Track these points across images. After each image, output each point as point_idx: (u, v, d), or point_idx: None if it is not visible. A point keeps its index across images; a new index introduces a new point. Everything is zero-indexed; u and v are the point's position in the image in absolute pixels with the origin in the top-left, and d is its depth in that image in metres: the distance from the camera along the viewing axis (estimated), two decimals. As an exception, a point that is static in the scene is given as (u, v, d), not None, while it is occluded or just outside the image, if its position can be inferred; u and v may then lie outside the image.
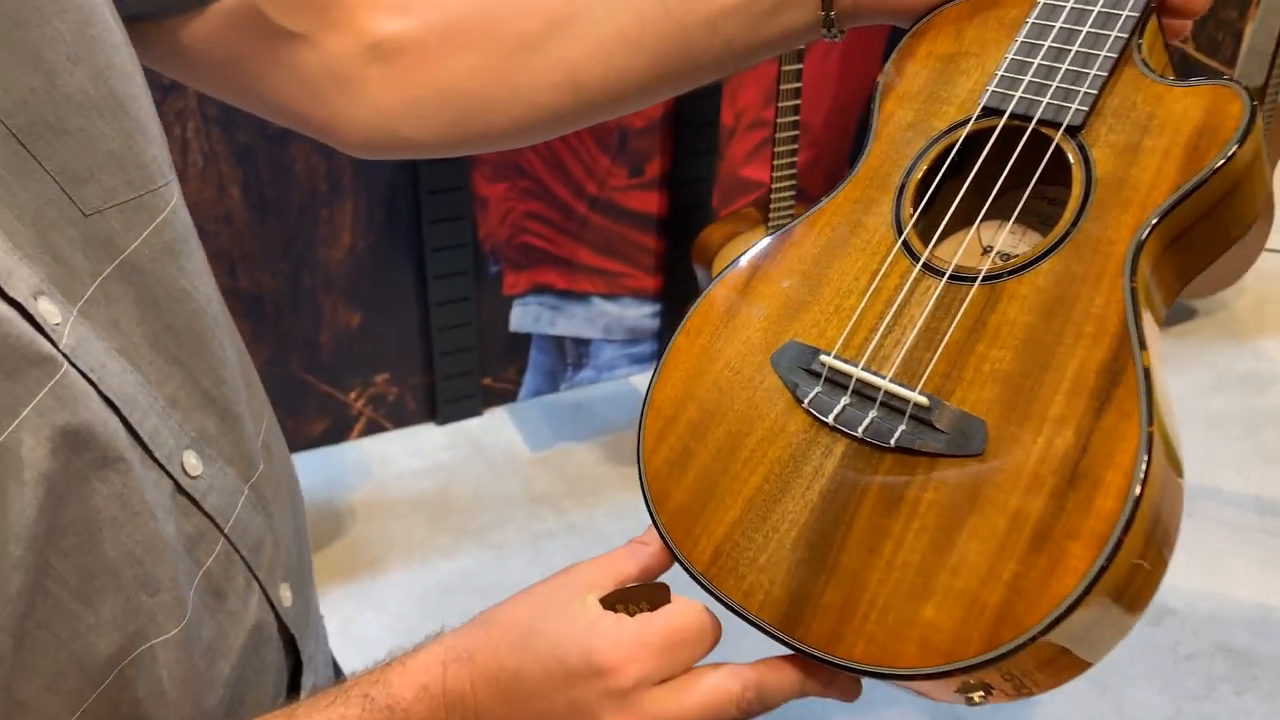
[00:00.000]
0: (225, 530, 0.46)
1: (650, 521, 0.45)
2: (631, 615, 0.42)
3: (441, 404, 2.05)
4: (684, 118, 1.94)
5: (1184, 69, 2.35)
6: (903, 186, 0.48)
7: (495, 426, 2.08)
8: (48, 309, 0.38)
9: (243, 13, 0.52)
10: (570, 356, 2.15)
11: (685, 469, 0.45)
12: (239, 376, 0.49)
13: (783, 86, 1.57)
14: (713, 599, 0.43)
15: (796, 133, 1.62)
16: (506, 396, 2.12)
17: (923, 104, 0.50)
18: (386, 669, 0.42)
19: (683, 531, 0.44)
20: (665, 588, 0.43)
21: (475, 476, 1.96)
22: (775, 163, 1.68)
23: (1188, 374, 2.25)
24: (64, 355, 0.38)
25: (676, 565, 0.44)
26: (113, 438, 0.39)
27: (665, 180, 2.01)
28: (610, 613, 0.41)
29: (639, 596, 0.42)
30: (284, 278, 1.78)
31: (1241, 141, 0.43)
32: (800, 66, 1.58)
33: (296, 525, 0.54)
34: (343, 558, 1.77)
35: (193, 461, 0.44)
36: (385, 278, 1.89)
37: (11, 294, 0.37)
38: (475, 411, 2.09)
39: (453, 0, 0.55)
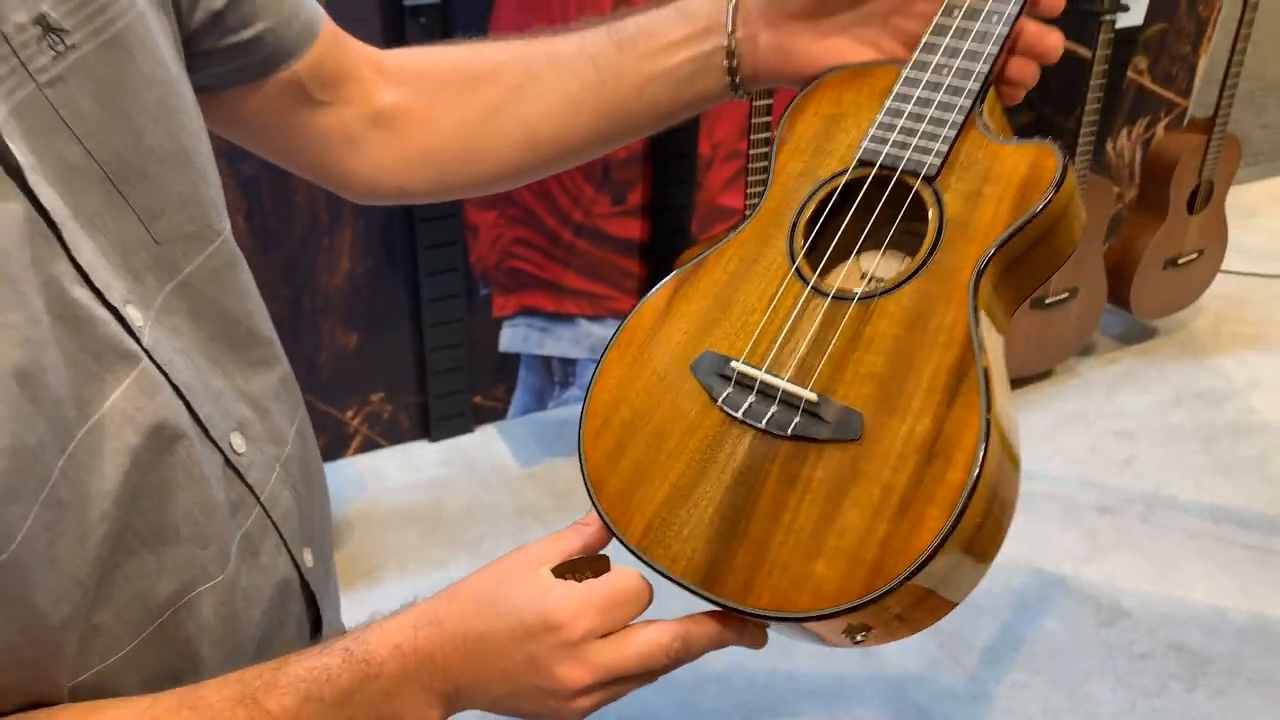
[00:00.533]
0: (261, 499, 0.55)
1: (591, 505, 0.54)
2: (579, 582, 0.50)
3: (434, 422, 2.14)
4: (664, 150, 2.05)
5: (1140, 101, 2.46)
6: (795, 224, 0.58)
7: (486, 443, 2.17)
8: (133, 314, 0.48)
9: (287, 85, 0.63)
10: (557, 376, 2.25)
11: (619, 460, 0.54)
12: (274, 375, 0.59)
13: (754, 120, 1.68)
14: (645, 567, 0.52)
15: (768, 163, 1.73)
16: (496, 414, 2.22)
17: (810, 156, 0.60)
18: (366, 629, 0.51)
19: (618, 512, 0.53)
20: (606, 559, 0.52)
21: (467, 491, 2.05)
22: (749, 191, 1.79)
23: (1149, 390, 2.35)
24: (145, 351, 0.48)
25: (615, 540, 0.53)
26: (179, 419, 0.49)
27: (647, 208, 2.11)
28: (560, 580, 0.50)
29: (584, 567, 0.51)
30: (285, 302, 1.88)
31: (1057, 189, 0.53)
32: (771, 102, 1.68)
33: (319, 502, 0.63)
34: (340, 569, 1.86)
35: (238, 441, 0.54)
36: (381, 301, 1.99)
37: (111, 301, 0.47)
38: (467, 429, 2.18)
39: (435, 75, 0.67)
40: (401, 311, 2.01)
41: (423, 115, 0.67)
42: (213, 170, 0.55)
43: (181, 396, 0.50)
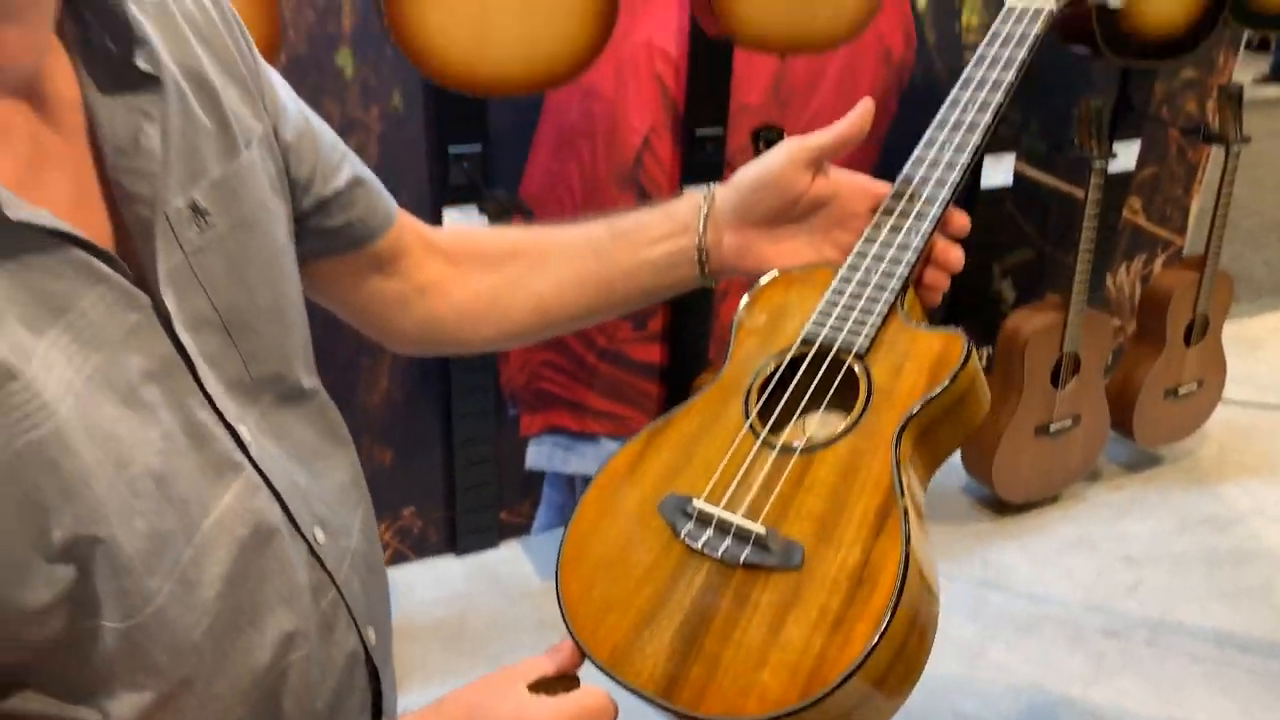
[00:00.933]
0: (337, 582, 0.67)
1: (565, 629, 0.64)
2: (552, 696, 0.60)
3: (461, 536, 2.24)
4: (683, 281, 2.19)
5: (1137, 239, 2.58)
6: (749, 388, 0.70)
7: (510, 558, 2.26)
8: (243, 431, 0.61)
9: (364, 260, 0.78)
10: (580, 493, 2.34)
11: (591, 589, 0.64)
12: (346, 478, 0.71)
13: (764, 260, 1.82)
14: (612, 682, 0.61)
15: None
16: (521, 530, 2.31)
17: (763, 335, 0.73)
18: None
19: (589, 635, 0.63)
20: (576, 678, 0.62)
21: (490, 604, 2.13)
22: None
23: (1154, 517, 2.41)
24: (251, 461, 0.60)
25: (587, 660, 0.63)
26: (275, 516, 0.61)
27: (666, 334, 2.25)
28: (536, 695, 0.60)
29: (556, 685, 0.61)
30: (326, 420, 2.01)
31: (962, 366, 0.65)
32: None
33: (380, 588, 0.75)
34: (367, 676, 1.93)
35: (319, 534, 0.65)
36: (416, 419, 2.11)
37: (229, 420, 0.60)
38: (492, 543, 2.28)
39: (470, 252, 0.83)
40: (434, 429, 2.13)
41: (457, 284, 0.82)
42: (300, 321, 0.69)
43: (278, 497, 0.62)
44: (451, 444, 2.15)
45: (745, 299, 0.76)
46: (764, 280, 0.76)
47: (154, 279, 0.56)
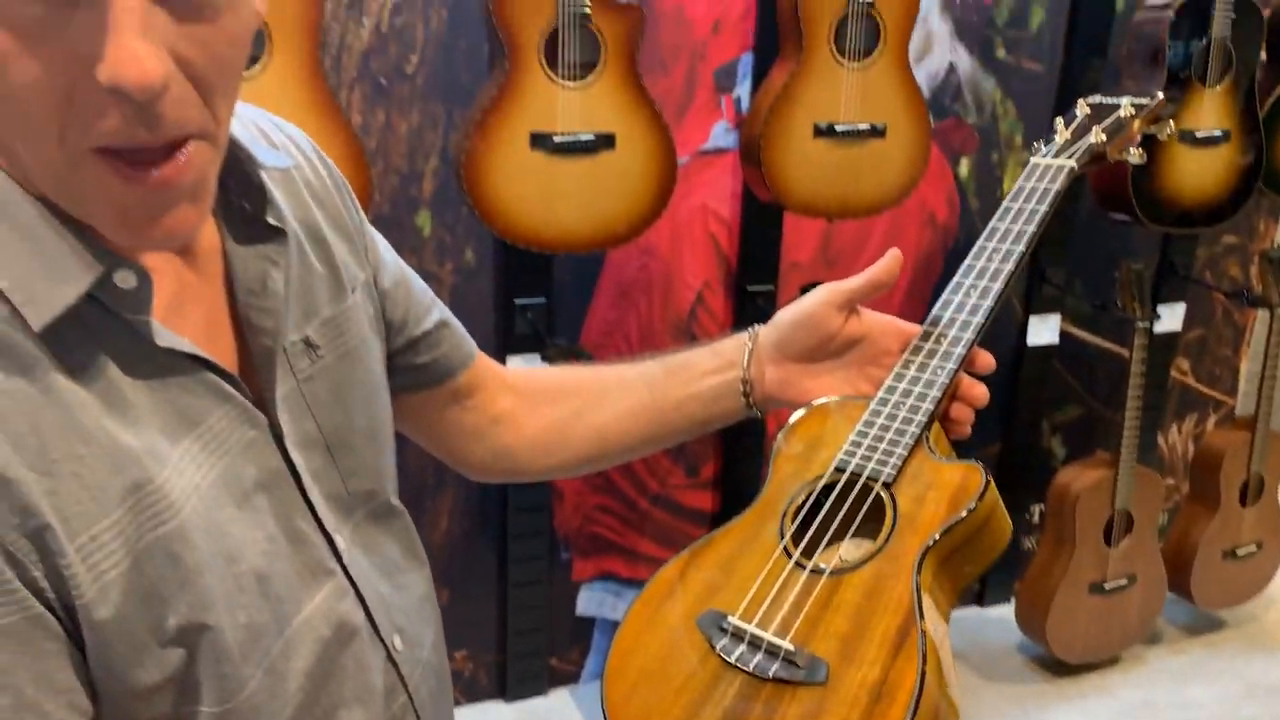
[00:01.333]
0: (409, 688, 0.72)
1: None
2: None
3: (511, 682, 2.25)
4: (733, 427, 2.25)
5: (1186, 399, 2.60)
6: (785, 512, 0.76)
7: (559, 706, 2.25)
8: (339, 540, 0.68)
9: (445, 393, 0.87)
10: (630, 639, 2.35)
11: (633, 697, 0.69)
12: (422, 593, 0.78)
13: (812, 410, 1.88)
14: None
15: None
16: (570, 677, 2.32)
17: (799, 463, 0.79)
18: None
19: None
20: None
21: (537, 750, 2.12)
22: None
23: (1219, 682, 2.34)
24: (343, 568, 0.67)
25: None
26: (358, 620, 0.68)
27: (718, 481, 2.30)
28: None
29: None
30: (385, 557, 2.08)
31: (980, 498, 0.71)
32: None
33: (446, 698, 0.80)
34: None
35: (397, 641, 0.72)
36: (472, 560, 2.17)
37: (327, 529, 0.67)
38: (540, 691, 2.28)
39: (537, 388, 0.93)
40: (489, 572, 2.18)
41: (525, 416, 0.91)
42: (391, 446, 0.78)
43: (363, 603, 0.69)
44: (505, 586, 2.19)
45: (784, 428, 0.83)
46: (801, 412, 0.83)
47: (271, 401, 0.65)
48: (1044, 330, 2.39)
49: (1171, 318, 2.43)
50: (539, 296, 1.95)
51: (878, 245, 2.25)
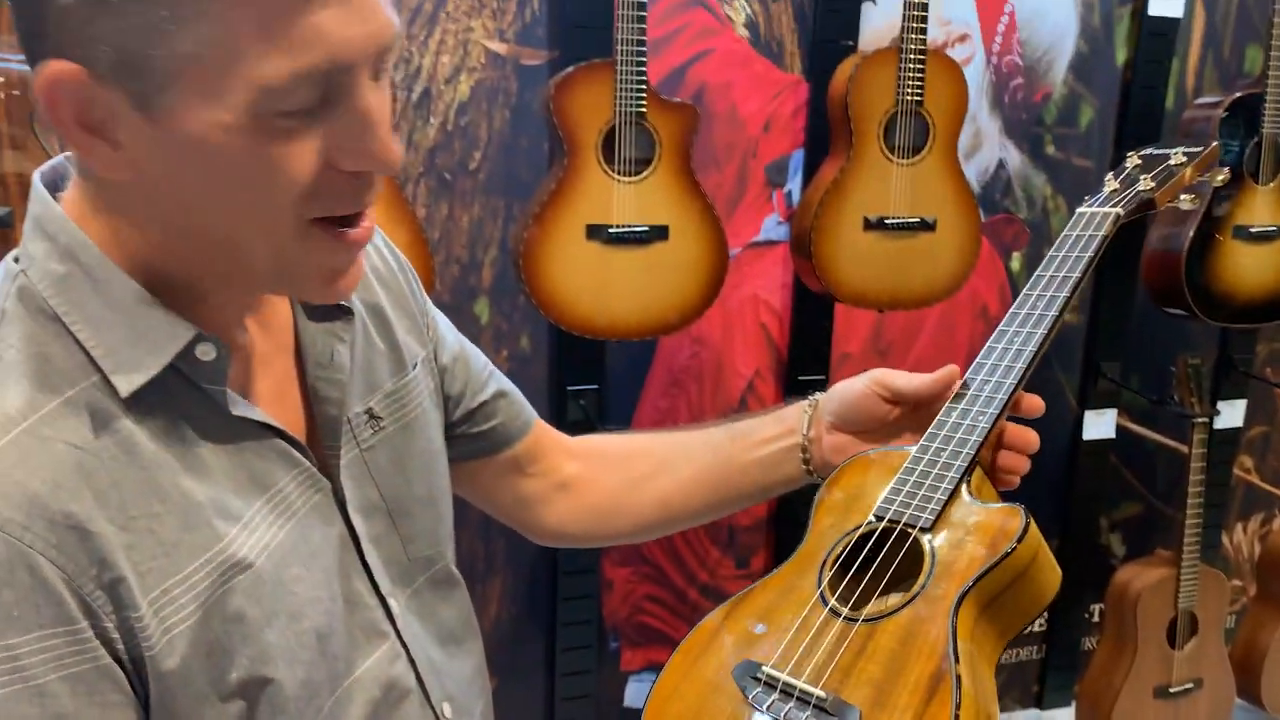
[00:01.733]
0: None
1: None
2: None
3: (557, 771, 2.22)
4: (784, 517, 2.25)
5: (1251, 497, 2.54)
6: (824, 562, 0.76)
7: (604, 797, 2.22)
8: (393, 604, 0.71)
9: (507, 461, 0.91)
10: None
11: None
12: (473, 665, 0.80)
13: (863, 501, 1.88)
14: None
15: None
16: (617, 768, 2.28)
17: (840, 514, 0.80)
18: None
19: None
20: None
21: (581, 844, 2.08)
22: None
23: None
24: (396, 631, 0.70)
25: None
26: (409, 683, 0.70)
27: (767, 572, 2.28)
28: None
29: None
30: (435, 641, 2.08)
31: (1020, 540, 0.70)
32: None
33: None
34: None
35: (448, 709, 0.74)
36: (520, 648, 2.16)
37: (383, 593, 0.70)
38: (587, 780, 2.25)
39: (601, 454, 0.96)
40: (537, 660, 2.17)
41: (589, 482, 0.94)
42: (448, 508, 0.81)
43: (414, 667, 0.71)
44: (554, 675, 2.18)
45: (827, 480, 0.84)
46: (843, 463, 0.84)
47: (335, 467, 0.69)
48: (1100, 425, 2.37)
49: (1232, 414, 2.39)
50: (592, 383, 1.98)
51: (929, 337, 2.26)
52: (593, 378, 1.98)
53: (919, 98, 1.85)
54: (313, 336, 0.70)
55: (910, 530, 0.75)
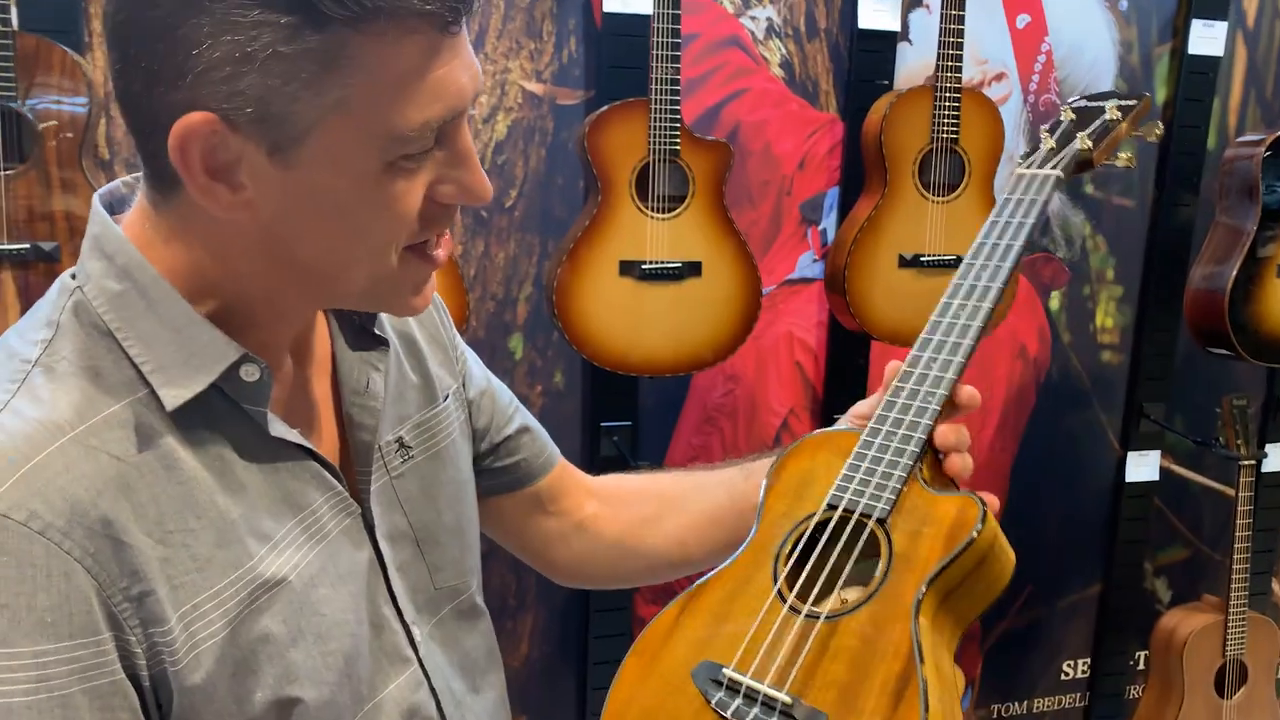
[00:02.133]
0: None
1: None
2: None
3: (588, 812, 2.20)
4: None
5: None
6: (777, 555, 0.74)
7: (635, 841, 2.19)
8: (416, 632, 0.71)
9: (529, 498, 0.91)
10: None
11: None
12: (496, 696, 0.80)
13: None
14: None
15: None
16: (649, 811, 2.25)
17: (791, 500, 0.77)
18: None
19: None
20: None
21: None
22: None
23: None
24: (419, 659, 0.70)
25: None
26: (430, 710, 0.70)
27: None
28: None
29: None
30: (466, 678, 2.08)
31: (978, 530, 0.68)
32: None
33: None
34: None
35: None
36: (552, 685, 2.15)
37: (406, 620, 0.71)
38: (618, 823, 2.22)
39: (620, 493, 0.97)
40: (569, 698, 2.16)
41: (606, 521, 0.94)
42: (476, 544, 0.81)
43: (435, 696, 0.71)
44: (585, 713, 2.16)
45: (772, 463, 0.81)
46: (790, 446, 0.82)
47: (365, 493, 0.70)
48: (1143, 467, 2.32)
49: (1281, 455, 2.34)
50: (625, 420, 1.98)
51: (968, 376, 2.24)
52: (626, 414, 1.99)
53: (954, 135, 1.85)
54: (351, 364, 0.72)
55: (865, 520, 0.73)
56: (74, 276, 0.64)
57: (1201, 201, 2.21)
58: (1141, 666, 2.46)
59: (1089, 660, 2.45)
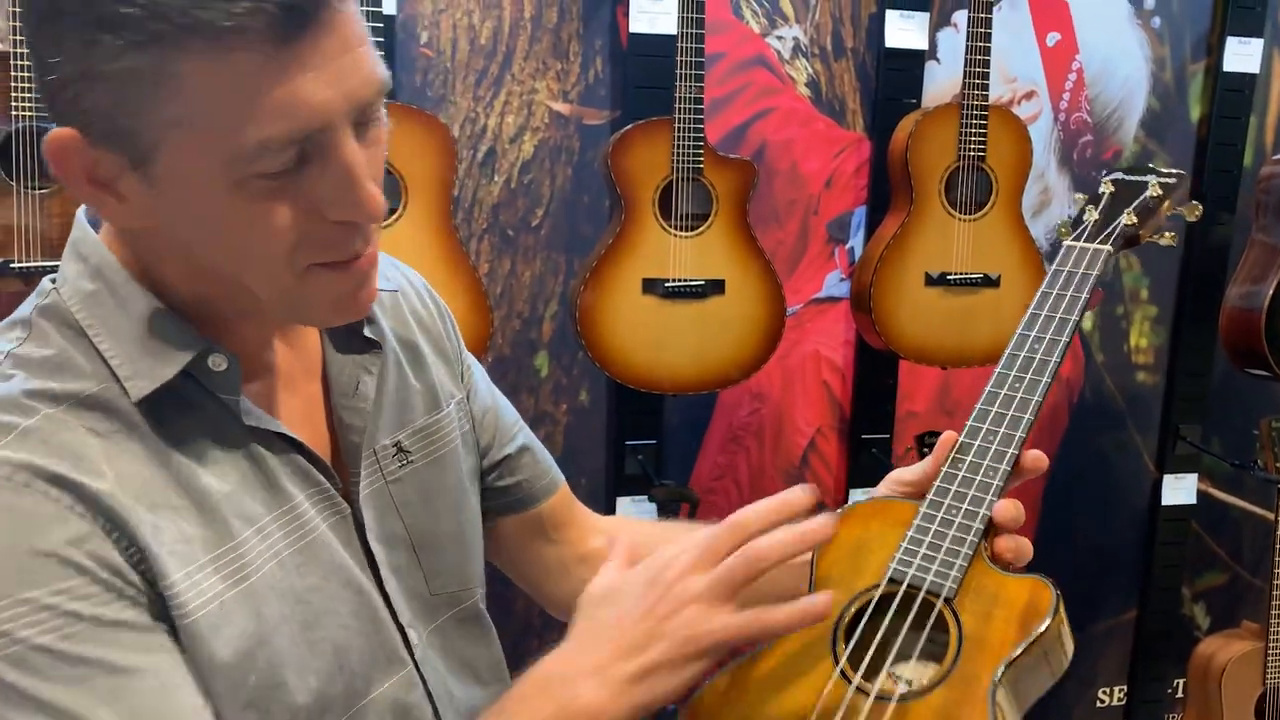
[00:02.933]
0: None
1: None
2: None
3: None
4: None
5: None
6: (836, 629, 0.72)
7: None
8: (412, 635, 0.72)
9: (531, 521, 0.90)
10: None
11: None
12: None
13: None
14: None
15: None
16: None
17: (844, 570, 0.75)
18: None
19: None
20: None
21: None
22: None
23: None
24: (414, 661, 0.70)
25: None
26: (425, 713, 0.70)
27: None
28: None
29: None
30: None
31: (1053, 616, 0.67)
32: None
33: None
34: None
35: None
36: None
37: (401, 621, 0.71)
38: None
39: (624, 531, 0.93)
40: None
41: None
42: (478, 546, 0.81)
43: (431, 699, 0.71)
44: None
45: None
46: (838, 512, 0.78)
47: (356, 495, 0.70)
48: (1180, 490, 2.28)
49: (1322, 479, 2.28)
50: (650, 438, 1.98)
51: (997, 397, 2.22)
52: (651, 432, 1.98)
53: (981, 153, 1.84)
54: (340, 366, 0.73)
55: (933, 599, 0.71)
56: (54, 281, 0.66)
57: (1238, 220, 2.17)
58: (1180, 695, 2.40)
59: (1125, 687, 2.40)
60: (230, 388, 0.65)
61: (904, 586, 0.73)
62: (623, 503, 1.97)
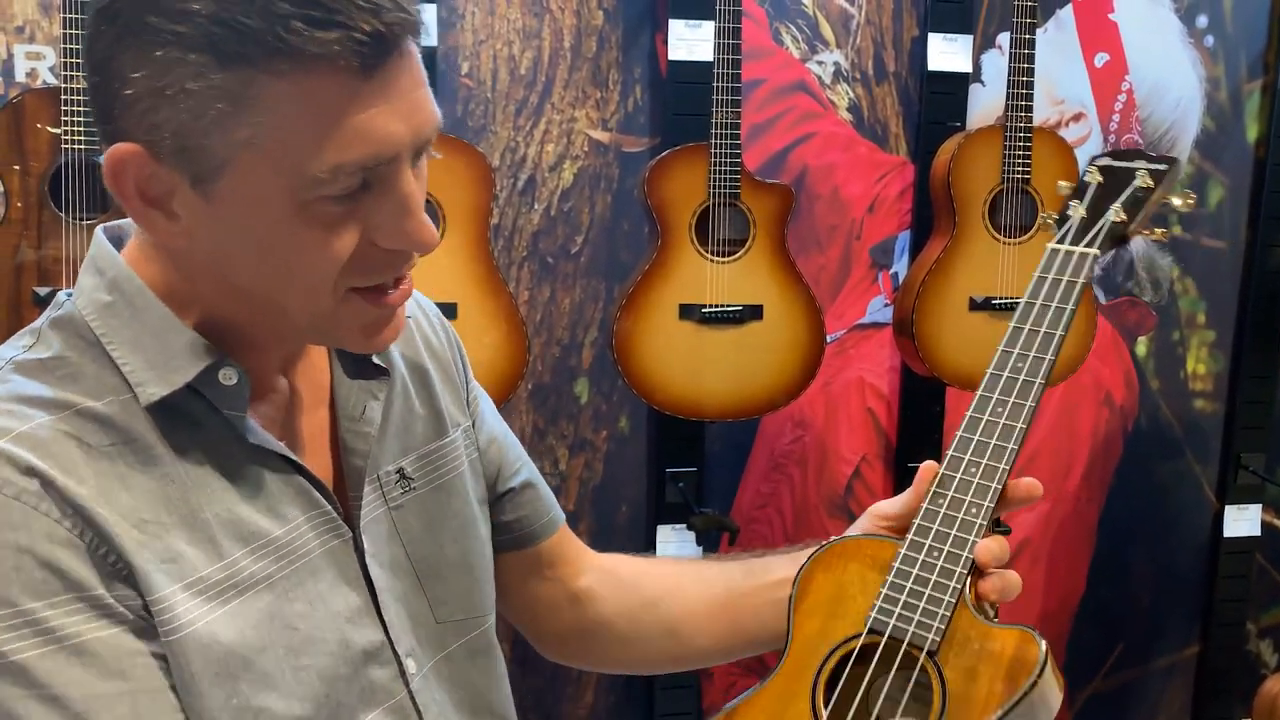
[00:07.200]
0: None
1: None
2: None
3: None
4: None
5: None
6: (816, 681, 0.69)
7: None
8: (410, 664, 0.70)
9: (528, 558, 0.89)
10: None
11: None
12: None
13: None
14: None
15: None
16: None
17: (824, 618, 0.71)
18: None
19: None
20: None
21: None
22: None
23: None
24: (410, 692, 0.69)
25: None
26: None
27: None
28: None
29: None
30: (532, 727, 2.06)
31: (1040, 673, 0.64)
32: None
33: None
34: None
35: None
36: (618, 737, 2.12)
37: (398, 650, 0.70)
38: None
39: (617, 572, 0.93)
40: (635, 749, 2.12)
41: (603, 599, 0.91)
42: (487, 574, 0.80)
43: None
44: (653, 766, 2.12)
45: (797, 573, 0.75)
46: (813, 553, 0.75)
47: (358, 519, 0.70)
48: (1243, 522, 2.20)
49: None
50: (691, 465, 1.96)
51: (1049, 424, 2.16)
52: (692, 460, 1.97)
53: (1026, 176, 1.80)
54: (348, 390, 0.73)
55: (915, 652, 0.67)
56: (70, 295, 0.68)
57: (1298, 241, 2.11)
58: (1245, 734, 2.31)
59: (1189, 728, 2.31)
60: (238, 404, 0.65)
61: (885, 638, 0.69)
62: (663, 531, 1.95)
